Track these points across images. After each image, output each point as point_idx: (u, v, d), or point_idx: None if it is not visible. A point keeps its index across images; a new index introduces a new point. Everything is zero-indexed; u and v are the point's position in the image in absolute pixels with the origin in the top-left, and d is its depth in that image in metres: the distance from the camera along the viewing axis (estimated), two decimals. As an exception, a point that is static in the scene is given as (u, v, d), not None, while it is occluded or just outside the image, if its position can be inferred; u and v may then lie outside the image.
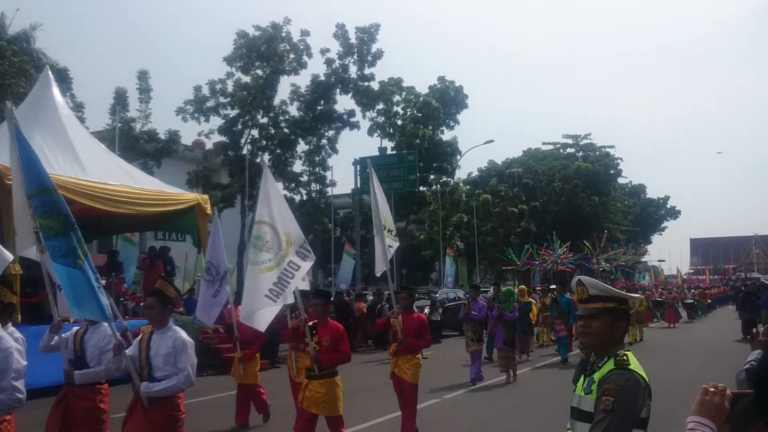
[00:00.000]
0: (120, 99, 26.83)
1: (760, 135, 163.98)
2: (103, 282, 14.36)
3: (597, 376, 2.70)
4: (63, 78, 23.72)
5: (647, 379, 2.63)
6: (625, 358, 2.67)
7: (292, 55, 29.43)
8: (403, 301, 8.16)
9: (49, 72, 14.92)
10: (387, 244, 8.25)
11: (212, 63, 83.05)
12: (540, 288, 23.92)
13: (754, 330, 3.76)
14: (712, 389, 1.78)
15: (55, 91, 14.32)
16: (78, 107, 24.60)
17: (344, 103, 57.53)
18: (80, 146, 13.34)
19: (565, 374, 12.94)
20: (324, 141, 32.38)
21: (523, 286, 17.22)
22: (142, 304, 16.24)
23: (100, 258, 17.41)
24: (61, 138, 13.09)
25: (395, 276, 31.91)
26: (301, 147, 31.87)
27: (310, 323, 6.52)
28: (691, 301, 30.26)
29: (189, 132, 62.15)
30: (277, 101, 30.22)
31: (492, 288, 16.02)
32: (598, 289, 2.85)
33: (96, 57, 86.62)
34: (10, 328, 5.08)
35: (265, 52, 28.60)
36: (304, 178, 33.48)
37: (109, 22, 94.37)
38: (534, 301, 17.27)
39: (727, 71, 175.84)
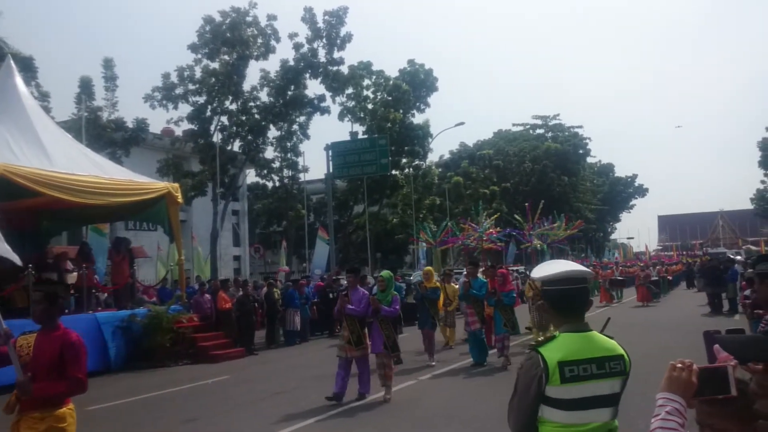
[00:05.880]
0: (85, 88, 26.39)
1: (722, 110, 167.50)
2: (75, 274, 14.20)
3: None
4: (28, 67, 23.26)
5: (557, 360, 2.53)
6: (542, 339, 2.68)
7: (259, 40, 29.19)
8: (36, 307, 4.24)
9: (11, 61, 14.66)
10: None
11: (181, 49, 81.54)
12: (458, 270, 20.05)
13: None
14: (680, 365, 1.80)
15: (18, 80, 14.10)
16: (43, 97, 24.17)
17: (314, 88, 57.20)
18: (46, 136, 13.14)
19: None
20: (295, 126, 32.31)
21: (429, 268, 14.82)
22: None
23: (72, 249, 17.24)
24: (26, 128, 12.88)
25: (369, 260, 32.19)
26: (273, 133, 31.81)
27: None
28: (657, 278, 30.01)
29: (158, 120, 61.11)
30: (247, 87, 30.03)
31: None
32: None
33: (61, 45, 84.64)
34: None
35: (230, 38, 28.33)
36: (276, 165, 33.45)
37: (74, 8, 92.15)
38: (446, 287, 14.62)
39: (693, 45, 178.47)
